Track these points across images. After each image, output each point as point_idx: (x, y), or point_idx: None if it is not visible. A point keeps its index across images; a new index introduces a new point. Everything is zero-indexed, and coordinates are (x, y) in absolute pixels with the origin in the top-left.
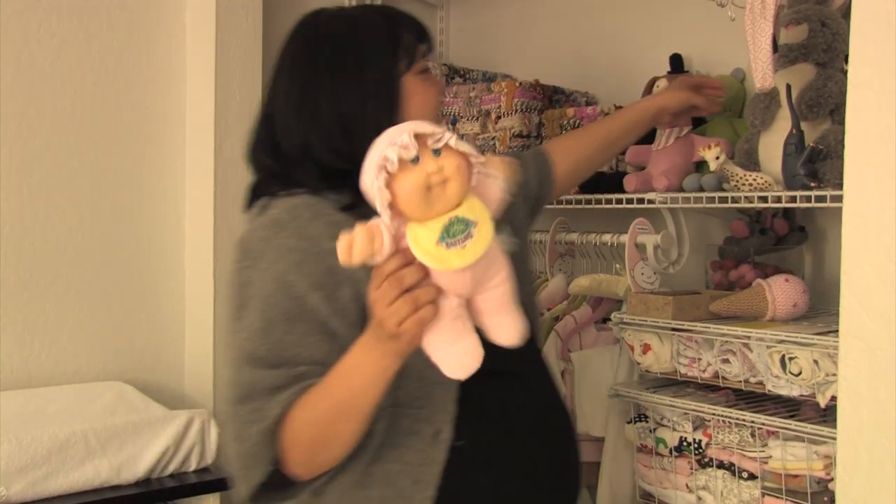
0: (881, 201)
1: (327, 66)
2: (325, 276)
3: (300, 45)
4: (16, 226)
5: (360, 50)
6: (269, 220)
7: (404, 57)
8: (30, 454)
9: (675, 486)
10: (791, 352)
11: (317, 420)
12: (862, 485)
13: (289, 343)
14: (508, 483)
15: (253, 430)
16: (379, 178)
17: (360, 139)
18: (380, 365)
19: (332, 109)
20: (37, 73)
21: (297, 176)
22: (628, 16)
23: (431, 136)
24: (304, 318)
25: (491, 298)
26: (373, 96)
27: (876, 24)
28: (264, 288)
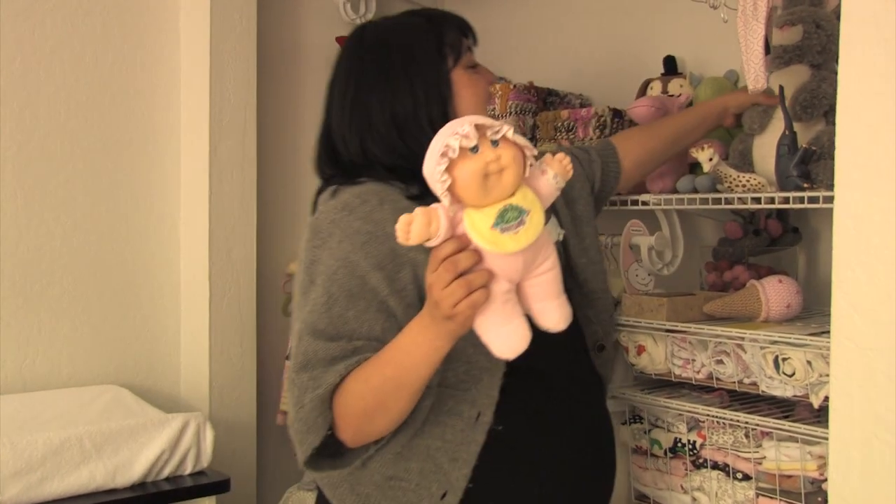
0: (872, 203)
1: (376, 71)
2: (387, 257)
3: (349, 58)
4: (11, 230)
5: (407, 51)
6: (340, 203)
7: (450, 53)
8: (25, 458)
9: (669, 487)
10: (784, 352)
11: (369, 392)
12: (854, 485)
13: (349, 318)
14: (541, 470)
15: (309, 396)
16: (441, 164)
17: (416, 136)
18: (433, 345)
19: (384, 112)
20: (31, 77)
21: (365, 173)
22: (622, 18)
23: (490, 127)
24: (364, 295)
25: (539, 284)
26: (423, 94)
27: (865, 25)
28: (330, 265)
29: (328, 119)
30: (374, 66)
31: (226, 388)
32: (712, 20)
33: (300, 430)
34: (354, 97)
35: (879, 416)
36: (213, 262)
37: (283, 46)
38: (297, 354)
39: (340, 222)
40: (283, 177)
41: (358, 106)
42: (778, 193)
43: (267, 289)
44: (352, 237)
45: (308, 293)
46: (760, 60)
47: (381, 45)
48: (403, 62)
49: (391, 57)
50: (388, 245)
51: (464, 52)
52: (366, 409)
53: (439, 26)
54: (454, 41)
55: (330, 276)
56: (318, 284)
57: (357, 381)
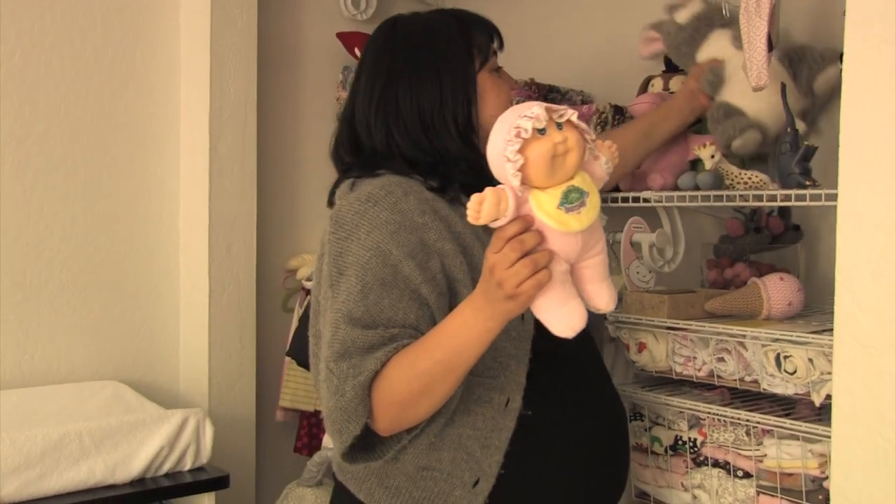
0: (875, 200)
1: (406, 65)
2: (417, 247)
3: (378, 49)
4: (10, 225)
5: (437, 49)
6: (363, 194)
7: (478, 55)
8: (24, 454)
9: (670, 485)
10: (786, 350)
11: (416, 377)
12: (857, 483)
13: (384, 306)
14: (570, 452)
15: (350, 384)
16: (514, 144)
17: (440, 134)
18: (486, 326)
19: (411, 106)
20: (31, 72)
21: (385, 166)
22: (623, 14)
23: (556, 111)
24: (398, 284)
25: (592, 265)
26: (450, 93)
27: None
28: (361, 255)
29: (353, 105)
30: (405, 59)
31: (225, 384)
32: None
33: (340, 419)
34: (385, 87)
35: (882, 415)
36: (212, 257)
37: (284, 42)
38: (333, 343)
39: (367, 213)
40: (284, 172)
41: (387, 96)
42: (780, 191)
43: (267, 285)
44: (380, 227)
45: (338, 284)
46: (763, 57)
47: (413, 40)
48: (434, 59)
49: (422, 53)
50: (417, 235)
51: (490, 56)
52: (411, 395)
53: (469, 27)
54: (482, 43)
55: (363, 266)
56: (351, 275)
57: (400, 368)
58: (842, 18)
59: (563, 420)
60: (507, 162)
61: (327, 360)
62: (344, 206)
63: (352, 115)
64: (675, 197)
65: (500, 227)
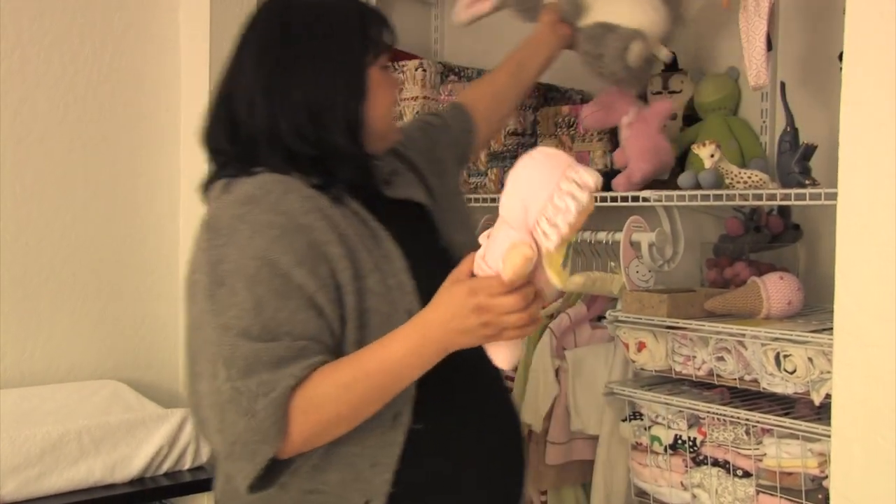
0: (875, 199)
1: (300, 51)
2: (306, 251)
3: (271, 27)
4: (10, 224)
5: (334, 38)
6: (240, 196)
7: (371, 49)
8: (23, 453)
9: (670, 484)
10: (786, 349)
11: (347, 399)
12: (856, 482)
13: (282, 319)
14: (463, 467)
15: (262, 402)
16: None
17: (327, 126)
18: (436, 356)
19: (301, 95)
20: (30, 71)
21: (262, 158)
22: None
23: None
24: (293, 294)
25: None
26: (344, 85)
27: (870, 21)
28: (246, 265)
29: (232, 83)
30: (300, 42)
31: None
32: (713, 16)
33: (253, 440)
34: (274, 69)
35: (882, 414)
36: None
37: None
38: (234, 360)
39: (246, 217)
40: None
41: (276, 81)
42: (779, 190)
43: None
44: (263, 232)
45: (220, 297)
46: (762, 56)
47: (310, 23)
48: (331, 48)
49: (319, 38)
50: (304, 238)
51: (383, 51)
52: (338, 416)
53: (367, 19)
54: (377, 38)
55: (251, 277)
56: (239, 287)
57: (327, 387)
58: (841, 18)
59: (456, 431)
60: (553, 228)
61: (231, 380)
62: (219, 210)
63: (230, 93)
64: (675, 196)
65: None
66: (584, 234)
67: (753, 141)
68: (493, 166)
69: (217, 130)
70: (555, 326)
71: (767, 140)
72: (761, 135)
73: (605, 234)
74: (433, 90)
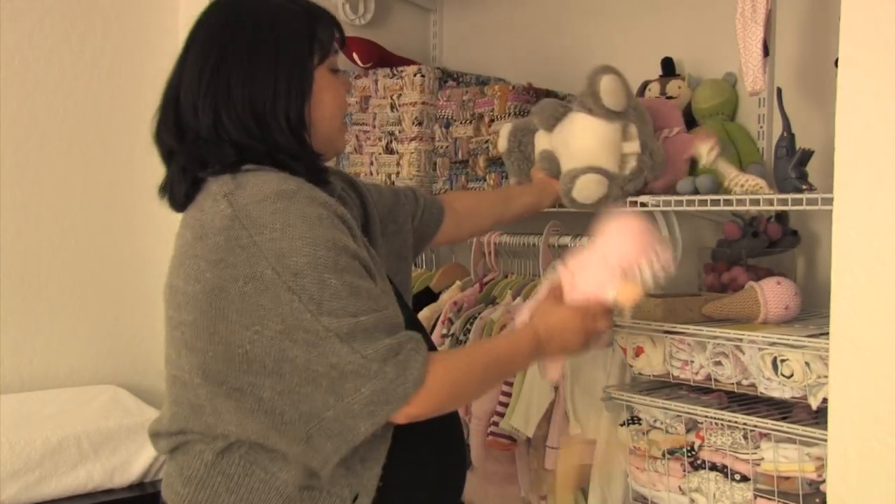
0: (871, 205)
1: (242, 48)
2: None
3: (217, 25)
4: (9, 228)
5: (278, 37)
6: (270, 193)
7: (318, 50)
8: (23, 458)
9: (667, 489)
10: (783, 354)
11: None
12: (852, 486)
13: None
14: (445, 461)
15: (417, 359)
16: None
17: (270, 126)
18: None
19: (244, 92)
20: (30, 76)
21: (214, 156)
22: (621, 20)
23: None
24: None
25: None
26: (285, 86)
27: (865, 28)
28: (322, 255)
29: (178, 83)
30: (243, 42)
31: None
32: (711, 23)
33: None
34: (216, 69)
35: (878, 418)
36: None
37: None
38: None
39: (291, 209)
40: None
41: (218, 79)
42: (776, 195)
43: None
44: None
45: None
46: (759, 62)
47: (254, 23)
48: (273, 47)
49: (261, 38)
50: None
51: (331, 53)
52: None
53: (314, 20)
54: (325, 39)
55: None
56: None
57: (469, 363)
58: (836, 24)
59: (434, 425)
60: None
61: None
62: (249, 206)
63: (177, 93)
64: (673, 201)
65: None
66: (581, 239)
67: (751, 146)
68: (491, 171)
69: (163, 131)
70: None
71: (765, 145)
72: (758, 140)
73: None
74: (431, 95)
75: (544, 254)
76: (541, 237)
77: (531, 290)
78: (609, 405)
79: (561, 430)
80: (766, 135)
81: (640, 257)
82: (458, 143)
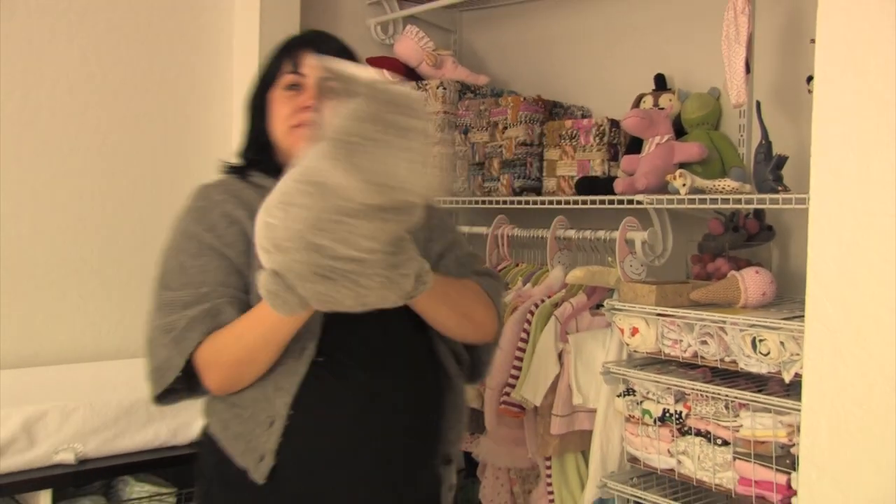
0: (842, 202)
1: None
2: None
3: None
4: (96, 213)
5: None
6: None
7: (270, 79)
8: (101, 417)
9: (658, 452)
10: (761, 334)
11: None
12: (823, 450)
13: (194, 272)
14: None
15: (166, 339)
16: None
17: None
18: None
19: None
20: (107, 82)
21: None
22: (619, 40)
23: None
24: (203, 252)
25: None
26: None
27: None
28: (173, 240)
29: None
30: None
31: None
32: (698, 43)
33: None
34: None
35: (846, 391)
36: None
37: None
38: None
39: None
40: None
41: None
42: (756, 195)
43: None
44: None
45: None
46: (741, 78)
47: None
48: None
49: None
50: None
51: (280, 75)
52: (238, 358)
53: (279, 51)
54: (274, 66)
55: (175, 248)
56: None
57: (230, 336)
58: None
59: (351, 369)
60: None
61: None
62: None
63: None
64: (665, 200)
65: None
66: (584, 232)
67: (732, 152)
68: (504, 173)
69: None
70: (559, 313)
71: (745, 151)
72: (739, 147)
73: (604, 232)
74: (452, 106)
75: (551, 245)
76: (548, 230)
77: (539, 277)
78: (607, 378)
79: (565, 400)
80: (746, 142)
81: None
82: (475, 148)
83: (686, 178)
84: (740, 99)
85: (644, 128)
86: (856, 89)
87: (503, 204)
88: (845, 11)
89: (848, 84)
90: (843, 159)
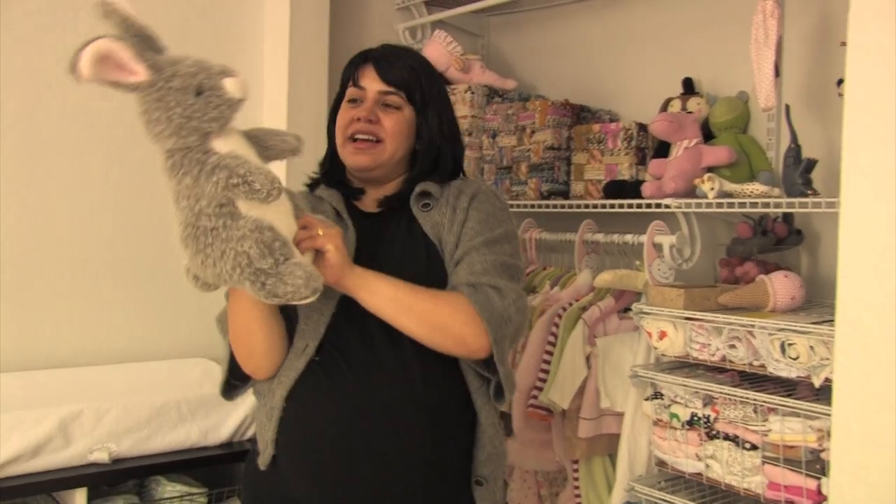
0: (874, 206)
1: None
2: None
3: None
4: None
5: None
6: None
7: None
8: (134, 417)
9: (686, 455)
10: (790, 339)
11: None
12: (854, 455)
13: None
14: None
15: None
16: None
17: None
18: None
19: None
20: None
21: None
22: (648, 45)
23: None
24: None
25: None
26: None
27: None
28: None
29: None
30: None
31: None
32: (726, 46)
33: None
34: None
35: (878, 396)
36: None
37: None
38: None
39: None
40: None
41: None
42: (785, 199)
43: None
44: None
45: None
46: (771, 82)
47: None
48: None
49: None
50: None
51: (347, 87)
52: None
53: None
54: (344, 80)
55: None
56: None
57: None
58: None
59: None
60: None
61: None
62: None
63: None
64: (693, 204)
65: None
66: (612, 235)
67: (761, 156)
68: (532, 176)
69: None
70: (587, 317)
71: (773, 155)
72: (768, 150)
73: (631, 236)
74: (480, 110)
75: (579, 248)
76: (576, 234)
77: (567, 281)
78: (635, 382)
79: (593, 404)
80: (774, 146)
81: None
82: (503, 152)
83: (714, 181)
84: (769, 102)
85: (672, 131)
86: (887, 92)
87: (531, 208)
88: (877, 14)
89: (879, 86)
90: (875, 163)
